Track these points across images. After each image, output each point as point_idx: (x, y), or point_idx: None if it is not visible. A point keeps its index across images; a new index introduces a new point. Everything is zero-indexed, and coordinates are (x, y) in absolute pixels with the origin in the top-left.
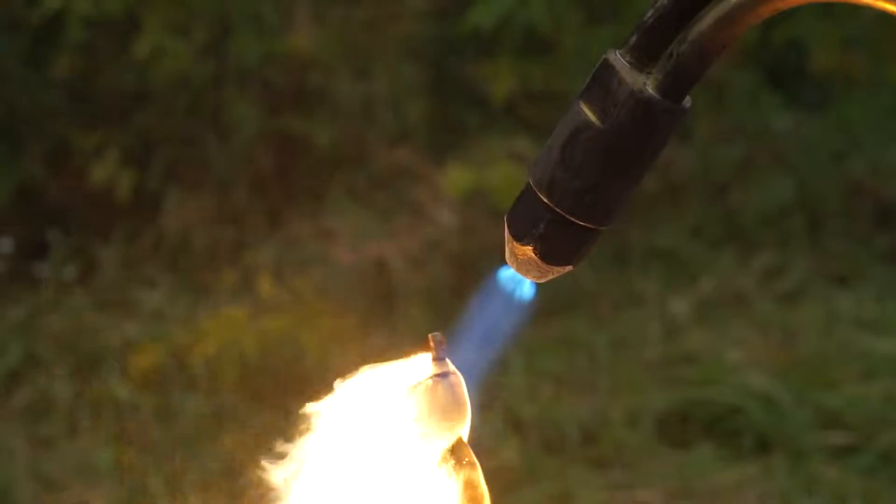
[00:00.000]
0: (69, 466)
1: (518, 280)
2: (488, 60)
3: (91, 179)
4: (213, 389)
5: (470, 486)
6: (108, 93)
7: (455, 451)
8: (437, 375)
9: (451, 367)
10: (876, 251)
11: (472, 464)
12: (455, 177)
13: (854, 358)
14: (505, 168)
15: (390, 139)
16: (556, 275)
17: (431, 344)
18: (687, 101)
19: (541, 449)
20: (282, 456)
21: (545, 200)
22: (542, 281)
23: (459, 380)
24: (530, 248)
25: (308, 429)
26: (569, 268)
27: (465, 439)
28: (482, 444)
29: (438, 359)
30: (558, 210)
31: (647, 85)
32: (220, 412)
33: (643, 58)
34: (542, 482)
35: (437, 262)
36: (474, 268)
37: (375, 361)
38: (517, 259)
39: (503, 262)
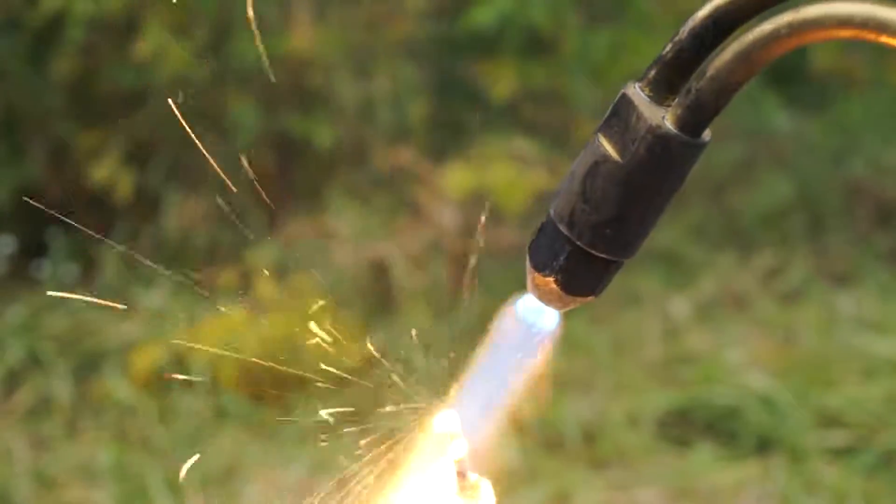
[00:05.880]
0: (69, 466)
1: (540, 309)
2: (489, 60)
3: (91, 179)
4: (213, 389)
5: None
6: (108, 93)
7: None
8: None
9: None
10: (876, 251)
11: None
12: (455, 177)
13: (854, 358)
14: (505, 168)
15: (390, 139)
16: (578, 304)
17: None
18: (706, 136)
19: (541, 449)
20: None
21: (565, 233)
22: (565, 310)
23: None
24: (551, 279)
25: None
26: (591, 298)
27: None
28: (482, 444)
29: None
30: (578, 243)
31: (666, 119)
32: (220, 412)
33: (662, 92)
34: (542, 482)
35: (437, 262)
36: (474, 268)
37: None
38: (539, 289)
39: (503, 263)
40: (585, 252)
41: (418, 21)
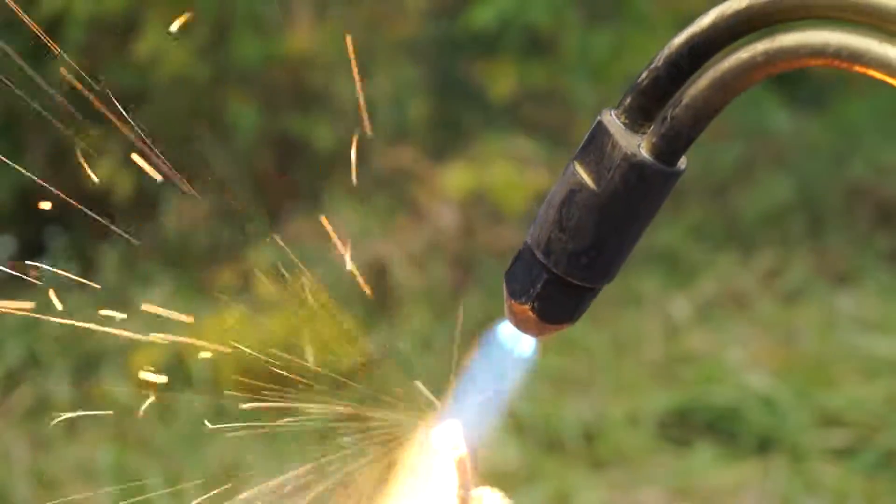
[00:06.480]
0: (69, 466)
1: (517, 336)
2: (489, 60)
3: (91, 179)
4: (213, 390)
5: None
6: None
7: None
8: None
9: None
10: (876, 251)
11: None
12: (455, 177)
13: (854, 358)
14: (505, 168)
15: (390, 139)
16: (554, 332)
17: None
18: (682, 164)
19: (541, 449)
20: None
21: (542, 260)
22: (541, 337)
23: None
24: (528, 306)
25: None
26: (567, 325)
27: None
28: (482, 443)
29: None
30: (555, 271)
31: (641, 147)
32: (219, 412)
33: (638, 119)
34: (542, 482)
35: (437, 262)
36: (474, 268)
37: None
38: (516, 316)
39: (502, 263)
40: (562, 280)
41: (418, 21)
